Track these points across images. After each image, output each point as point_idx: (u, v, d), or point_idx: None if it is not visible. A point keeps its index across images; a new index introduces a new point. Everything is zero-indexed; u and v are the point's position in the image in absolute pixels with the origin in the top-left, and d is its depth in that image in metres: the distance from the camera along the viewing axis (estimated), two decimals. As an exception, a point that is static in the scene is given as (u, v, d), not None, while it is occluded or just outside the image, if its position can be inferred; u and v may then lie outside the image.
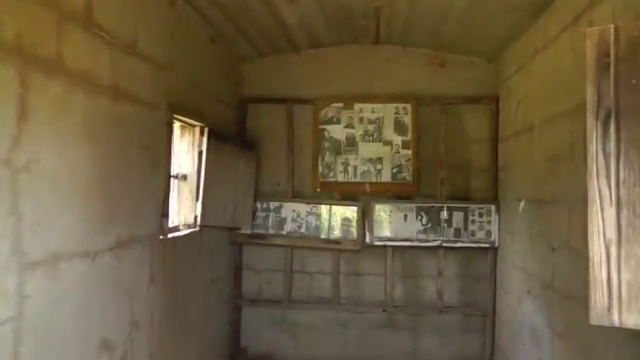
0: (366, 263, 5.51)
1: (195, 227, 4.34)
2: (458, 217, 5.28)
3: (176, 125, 4.31)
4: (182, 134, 4.39)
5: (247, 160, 5.11)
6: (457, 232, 5.27)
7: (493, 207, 5.24)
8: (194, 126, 4.38)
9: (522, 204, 4.42)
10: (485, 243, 5.25)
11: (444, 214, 5.29)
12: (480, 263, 5.42)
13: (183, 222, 4.35)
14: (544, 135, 3.89)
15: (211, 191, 4.45)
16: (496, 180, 5.32)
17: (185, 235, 4.12)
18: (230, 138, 4.93)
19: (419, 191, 5.36)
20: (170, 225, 4.06)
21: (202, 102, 4.45)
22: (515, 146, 4.68)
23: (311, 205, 5.39)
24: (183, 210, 4.36)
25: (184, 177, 4.37)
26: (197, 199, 4.35)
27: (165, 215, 3.66)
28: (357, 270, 5.55)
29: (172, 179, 4.29)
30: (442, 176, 5.33)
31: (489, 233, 5.24)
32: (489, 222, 5.25)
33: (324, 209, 5.38)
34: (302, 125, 5.55)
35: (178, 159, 4.36)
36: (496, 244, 5.20)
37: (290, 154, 5.51)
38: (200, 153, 4.38)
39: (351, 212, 5.34)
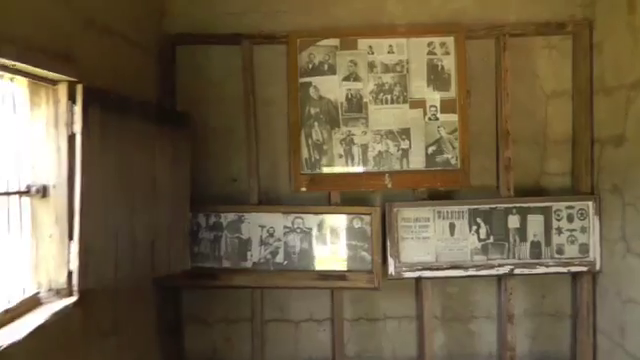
0: (387, 303, 3.39)
1: (71, 294, 2.09)
2: (536, 224, 3.20)
3: (20, 83, 2.02)
4: (33, 102, 2.09)
5: (174, 145, 2.83)
6: (535, 249, 3.19)
7: (591, 205, 3.18)
8: (55, 84, 2.08)
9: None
10: (579, 265, 3.19)
11: (514, 220, 3.19)
12: (563, 293, 3.40)
13: (46, 287, 2.10)
14: None
15: (99, 215, 2.19)
16: (591, 160, 3.25)
17: (44, 323, 1.87)
18: (137, 106, 2.60)
19: (470, 183, 3.22)
20: (7, 306, 1.82)
21: (71, 31, 2.14)
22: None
23: (292, 216, 3.19)
24: (44, 263, 2.10)
25: (42, 191, 2.09)
26: (71, 236, 2.09)
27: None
28: (372, 314, 3.42)
29: (17, 197, 2.04)
30: (507, 155, 3.21)
31: (584, 248, 3.19)
32: (584, 230, 3.20)
33: (314, 221, 3.19)
34: (270, 78, 3.31)
35: (29, 154, 2.09)
36: (597, 266, 3.17)
37: (252, 130, 3.26)
38: (72, 138, 2.10)
39: (361, 224, 3.17)
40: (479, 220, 3.18)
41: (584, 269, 3.19)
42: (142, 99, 2.77)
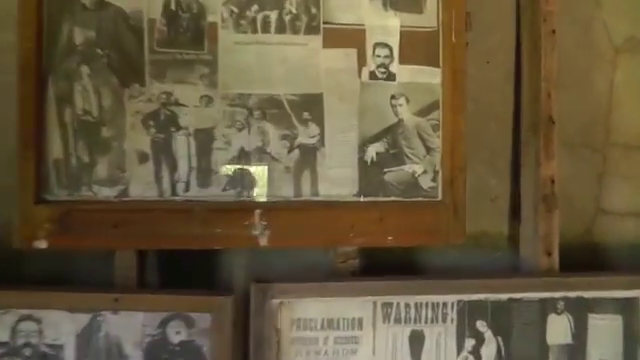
0: None
1: None
2: (604, 335, 1.37)
3: None
4: None
5: None
6: (604, 393, 1.36)
7: None
8: None
9: None
10: None
11: (560, 326, 1.35)
12: None
13: None
14: None
15: None
16: None
17: None
18: None
19: (464, 233, 1.34)
20: None
21: None
22: None
23: (14, 314, 1.20)
24: None
25: None
26: None
27: None
28: None
29: None
30: (550, 173, 1.37)
31: None
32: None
33: (71, 328, 1.21)
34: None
35: None
36: None
37: None
38: None
39: (188, 334, 1.23)
40: (481, 326, 1.32)
41: None
42: None
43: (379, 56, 1.28)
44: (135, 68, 1.25)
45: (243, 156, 1.25)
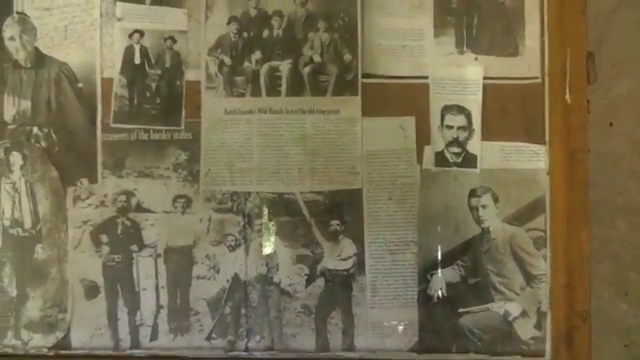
0: None
1: None
2: None
3: None
4: None
5: None
6: None
7: None
8: None
9: None
10: None
11: None
12: None
13: None
14: None
15: None
16: None
17: None
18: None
19: None
20: None
21: None
22: None
23: None
24: None
25: None
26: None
27: None
28: None
29: None
30: None
31: None
32: None
33: None
34: None
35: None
36: None
37: None
38: None
39: None
40: None
41: None
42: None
43: (451, 127, 0.82)
44: (83, 155, 0.85)
45: (237, 288, 0.82)
